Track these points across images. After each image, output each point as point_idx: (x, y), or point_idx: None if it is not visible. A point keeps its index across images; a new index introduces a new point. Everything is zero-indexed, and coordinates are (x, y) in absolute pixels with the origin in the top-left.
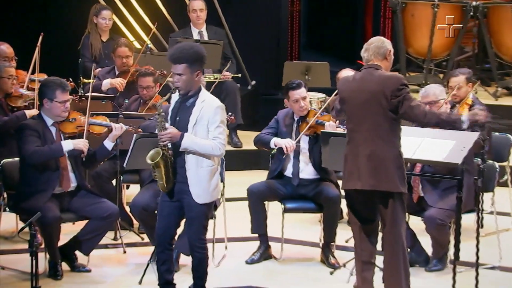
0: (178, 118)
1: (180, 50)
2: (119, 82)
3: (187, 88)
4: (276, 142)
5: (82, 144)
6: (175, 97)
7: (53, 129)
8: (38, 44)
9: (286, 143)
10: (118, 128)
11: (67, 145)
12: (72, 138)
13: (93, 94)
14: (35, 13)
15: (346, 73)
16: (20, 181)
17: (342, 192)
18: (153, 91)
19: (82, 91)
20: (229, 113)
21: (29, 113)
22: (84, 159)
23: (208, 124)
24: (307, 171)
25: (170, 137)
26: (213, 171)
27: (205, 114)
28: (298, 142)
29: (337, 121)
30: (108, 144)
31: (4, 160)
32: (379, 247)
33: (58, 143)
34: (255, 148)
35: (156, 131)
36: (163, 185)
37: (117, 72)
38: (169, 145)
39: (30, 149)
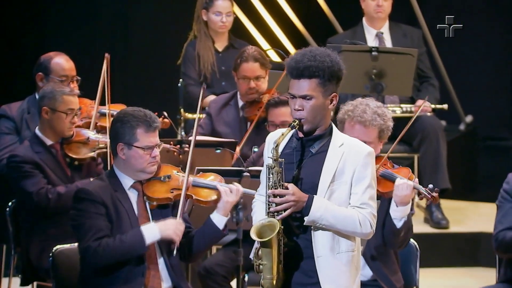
0: (296, 172)
1: (311, 57)
2: None
3: (316, 121)
4: None
5: (172, 229)
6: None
7: (133, 194)
8: (104, 67)
9: None
10: (232, 191)
11: (151, 232)
12: (164, 209)
13: (202, 138)
14: (108, 12)
15: None
16: (82, 280)
17: None
18: None
19: (183, 132)
20: (429, 186)
21: None
22: (175, 252)
23: (352, 182)
24: None
25: (294, 202)
26: (355, 259)
27: (348, 166)
28: None
29: None
30: (218, 218)
31: (58, 247)
32: None
33: (137, 231)
34: (470, 230)
35: (265, 190)
36: (272, 282)
37: (240, 103)
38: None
39: (89, 246)
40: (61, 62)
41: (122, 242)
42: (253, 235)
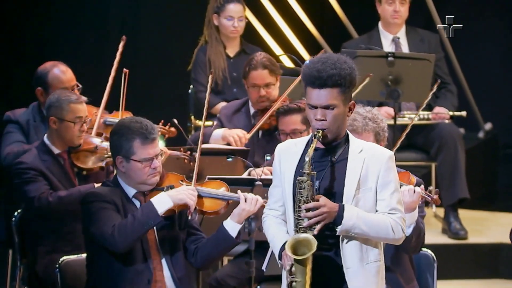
0: (319, 183)
1: (332, 65)
2: (237, 136)
3: (337, 130)
4: None
5: (184, 193)
6: (292, 148)
7: (136, 204)
8: (123, 85)
9: None
10: (252, 200)
11: (162, 201)
12: (170, 218)
13: (210, 146)
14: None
15: None
16: None
17: None
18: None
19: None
20: (429, 188)
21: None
22: (194, 216)
23: (377, 188)
24: None
25: (325, 214)
26: (381, 270)
27: (371, 172)
28: None
29: None
30: (231, 226)
31: (65, 258)
32: None
33: (147, 204)
34: (489, 241)
35: (292, 205)
36: None
37: (252, 110)
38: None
39: (105, 232)
40: (58, 74)
41: (135, 218)
42: (288, 251)
